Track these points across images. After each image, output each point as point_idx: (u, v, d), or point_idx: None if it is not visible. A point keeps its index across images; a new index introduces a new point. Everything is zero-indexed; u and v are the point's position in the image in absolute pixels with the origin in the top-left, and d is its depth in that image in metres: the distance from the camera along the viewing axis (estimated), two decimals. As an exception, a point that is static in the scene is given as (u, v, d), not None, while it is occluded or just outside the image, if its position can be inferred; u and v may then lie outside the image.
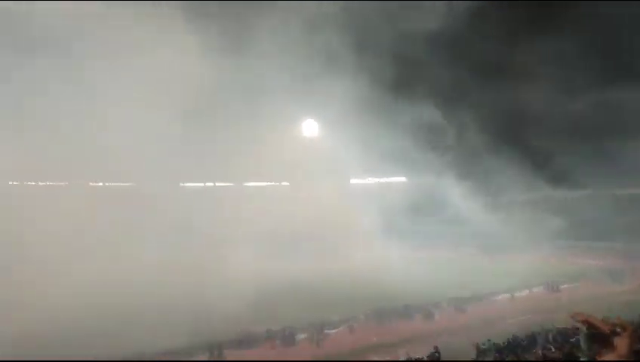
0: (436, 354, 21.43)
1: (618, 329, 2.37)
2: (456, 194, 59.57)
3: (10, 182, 39.20)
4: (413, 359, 21.12)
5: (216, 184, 51.92)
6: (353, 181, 65.28)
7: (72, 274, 31.95)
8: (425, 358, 21.22)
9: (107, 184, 45.08)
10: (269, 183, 55.21)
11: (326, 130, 58.79)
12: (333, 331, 30.05)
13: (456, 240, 64.93)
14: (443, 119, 60.06)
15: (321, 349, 26.64)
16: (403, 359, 21.87)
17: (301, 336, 29.01)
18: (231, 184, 53.09)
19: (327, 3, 48.37)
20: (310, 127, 61.22)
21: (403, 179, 70.72)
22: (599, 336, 2.42)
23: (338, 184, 55.99)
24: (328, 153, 51.90)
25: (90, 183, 44.04)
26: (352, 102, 49.23)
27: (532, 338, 21.72)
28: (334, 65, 48.73)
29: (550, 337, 21.48)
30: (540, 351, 19.38)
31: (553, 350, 18.55)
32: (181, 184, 48.77)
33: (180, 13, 39.79)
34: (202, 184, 51.03)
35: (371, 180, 67.20)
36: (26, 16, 33.21)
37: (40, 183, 41.64)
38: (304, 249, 47.28)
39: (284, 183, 56.03)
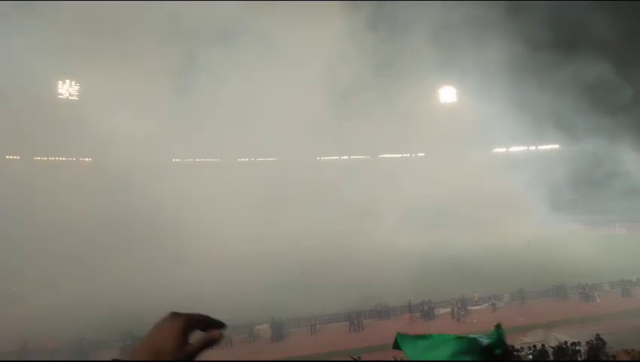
0: (598, 343, 19.80)
1: None
2: (631, 161, 52.10)
3: (174, 159, 45.03)
4: (565, 342, 19.88)
5: (352, 157, 53.11)
6: (497, 150, 61.32)
7: (221, 243, 35.67)
8: (583, 343, 19.84)
9: (253, 159, 49.12)
10: (404, 155, 54.74)
11: (466, 96, 55.85)
12: (476, 308, 29.51)
13: (627, 215, 57.26)
14: (615, 76, 52.29)
15: (461, 326, 26.42)
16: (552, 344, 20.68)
17: (441, 311, 29.09)
18: (366, 156, 53.83)
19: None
20: (448, 95, 58.59)
21: (555, 146, 64.31)
22: None
23: (479, 153, 53.09)
24: (468, 121, 49.37)
25: (239, 159, 48.41)
26: (497, 66, 45.93)
27: None
28: (478, 27, 45.91)
29: None
30: None
31: None
32: (318, 158, 50.90)
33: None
34: (337, 157, 52.61)
35: (517, 148, 62.11)
36: (199, 14, 37.59)
37: (196, 160, 47.37)
38: (446, 222, 46.17)
39: (419, 154, 54.95)
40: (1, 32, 33.53)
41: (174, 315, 1.16)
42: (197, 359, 1.08)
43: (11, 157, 38.81)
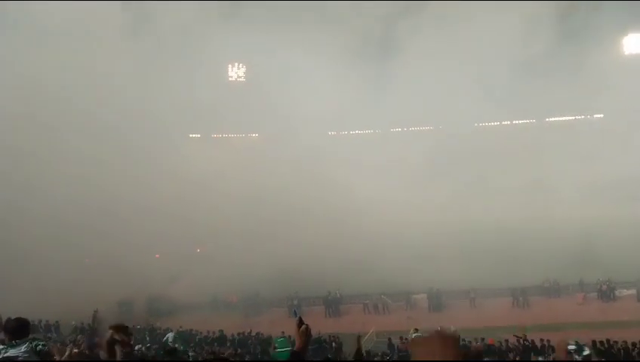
0: None
1: None
2: None
3: (329, 133, 48.10)
4: None
5: (514, 122, 49.46)
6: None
7: (378, 214, 37.03)
8: None
9: (406, 129, 49.08)
10: (577, 117, 48.66)
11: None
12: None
13: None
14: None
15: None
16: None
17: (624, 292, 26.13)
18: (531, 121, 49.59)
19: None
20: (635, 42, 49.87)
21: None
22: None
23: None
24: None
25: (392, 129, 48.65)
26: None
27: None
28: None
29: None
30: None
31: None
32: (475, 124, 48.77)
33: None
34: (497, 123, 49.57)
35: None
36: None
37: (351, 132, 49.52)
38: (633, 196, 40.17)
39: (596, 116, 48.35)
40: (183, 27, 39.18)
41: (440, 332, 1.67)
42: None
43: (193, 135, 45.47)
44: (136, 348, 17.50)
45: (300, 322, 3.61)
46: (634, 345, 17.85)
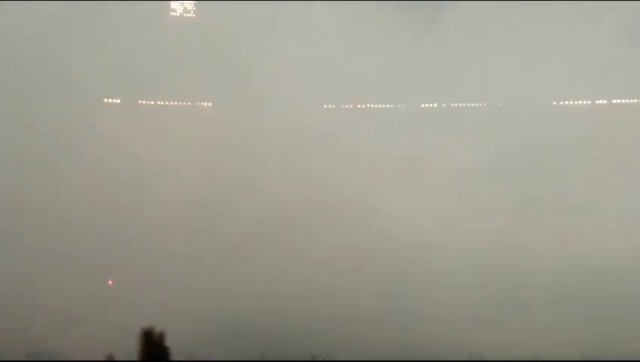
0: None
1: None
2: None
3: (325, 105, 45.55)
4: None
5: (614, 101, 47.35)
6: None
7: (406, 228, 35.01)
8: None
9: (445, 105, 47.37)
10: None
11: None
12: None
13: None
14: None
15: None
16: None
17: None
18: (635, 100, 47.43)
19: None
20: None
21: None
22: None
23: None
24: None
25: (422, 105, 47.13)
26: None
27: None
28: None
29: None
30: None
31: None
32: (554, 103, 46.11)
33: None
34: (589, 101, 47.13)
35: None
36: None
37: (360, 106, 46.84)
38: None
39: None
40: None
41: None
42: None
43: (110, 100, 42.40)
44: None
45: None
46: None
